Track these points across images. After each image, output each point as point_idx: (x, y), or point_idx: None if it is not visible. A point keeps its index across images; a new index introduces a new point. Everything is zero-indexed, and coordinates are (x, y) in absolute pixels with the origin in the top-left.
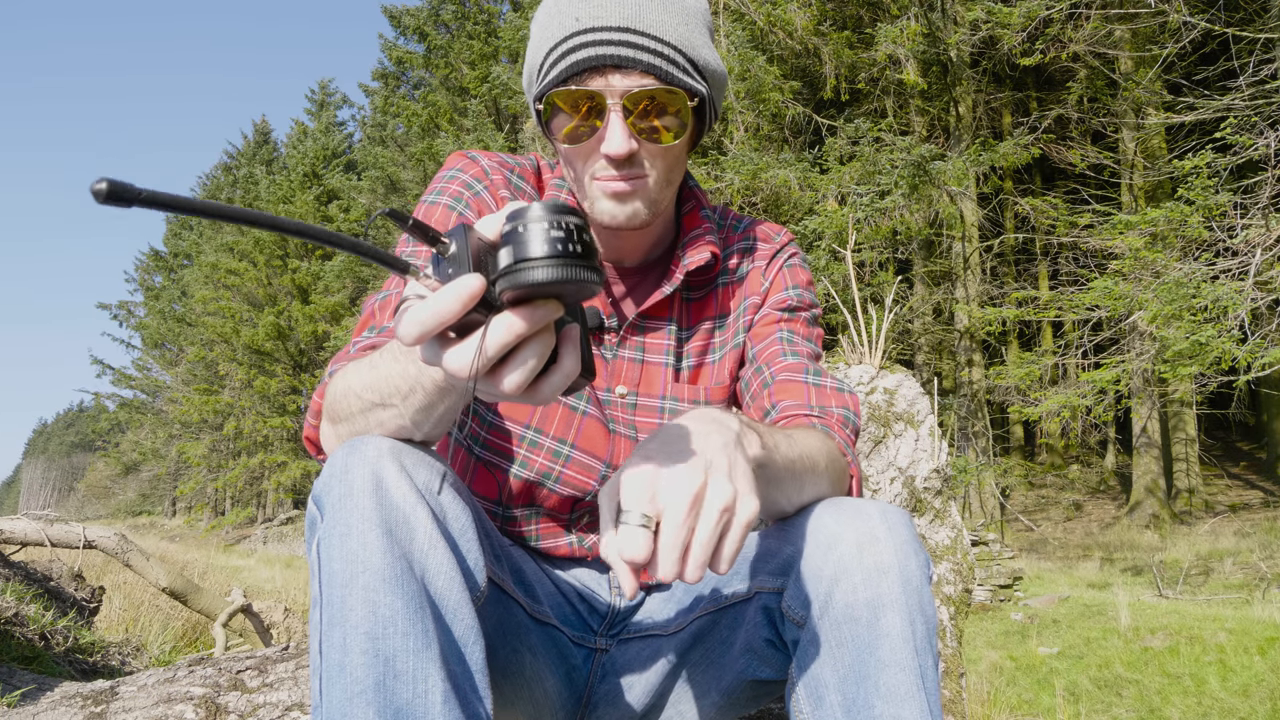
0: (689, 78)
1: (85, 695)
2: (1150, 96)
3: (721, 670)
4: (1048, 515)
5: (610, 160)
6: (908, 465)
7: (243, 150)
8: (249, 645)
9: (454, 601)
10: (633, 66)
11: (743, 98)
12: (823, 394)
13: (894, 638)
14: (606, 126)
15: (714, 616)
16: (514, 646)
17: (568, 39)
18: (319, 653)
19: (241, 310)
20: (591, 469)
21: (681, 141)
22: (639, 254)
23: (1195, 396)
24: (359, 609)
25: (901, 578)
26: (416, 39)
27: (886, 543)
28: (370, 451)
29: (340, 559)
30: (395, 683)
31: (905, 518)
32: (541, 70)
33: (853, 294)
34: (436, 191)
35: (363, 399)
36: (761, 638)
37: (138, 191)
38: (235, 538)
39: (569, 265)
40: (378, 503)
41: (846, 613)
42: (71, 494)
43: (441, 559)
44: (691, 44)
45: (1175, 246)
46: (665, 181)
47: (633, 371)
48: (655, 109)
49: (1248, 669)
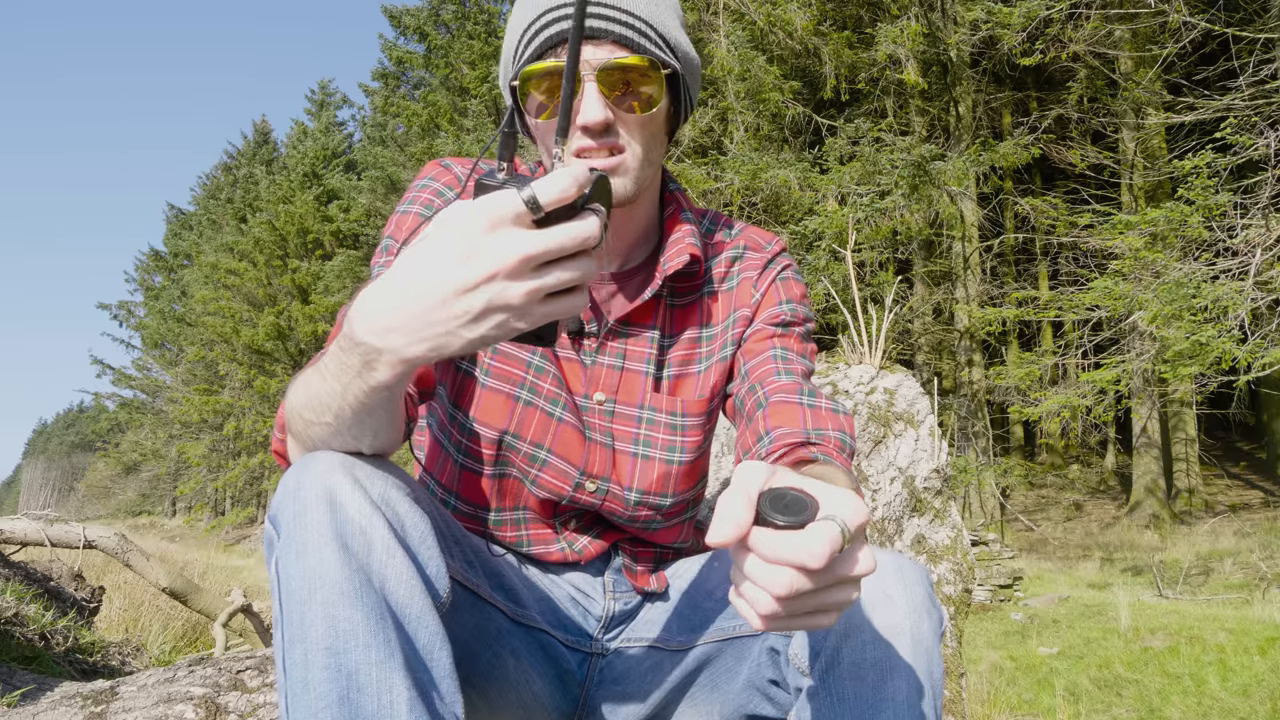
0: (661, 51)
1: (85, 695)
2: (1150, 96)
3: (724, 699)
4: (1048, 515)
5: (587, 131)
6: (908, 465)
7: (243, 150)
8: (249, 645)
9: (416, 610)
10: (604, 37)
11: (743, 98)
12: (819, 416)
13: (899, 703)
14: (581, 98)
15: (721, 645)
16: (495, 650)
17: (539, 18)
18: (283, 671)
19: (241, 310)
20: (567, 475)
21: (658, 113)
22: (621, 254)
23: (1195, 396)
24: (319, 624)
25: (913, 640)
26: (416, 39)
27: (900, 603)
28: (321, 467)
29: (298, 576)
30: (359, 696)
31: (922, 574)
32: (516, 55)
33: (853, 294)
34: (409, 201)
35: (303, 417)
36: (766, 677)
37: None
38: (235, 538)
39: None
40: (332, 517)
41: (853, 671)
42: (71, 494)
43: (400, 569)
44: (662, 22)
45: (1175, 246)
46: (645, 158)
47: (611, 378)
48: (629, 79)
49: (1248, 669)
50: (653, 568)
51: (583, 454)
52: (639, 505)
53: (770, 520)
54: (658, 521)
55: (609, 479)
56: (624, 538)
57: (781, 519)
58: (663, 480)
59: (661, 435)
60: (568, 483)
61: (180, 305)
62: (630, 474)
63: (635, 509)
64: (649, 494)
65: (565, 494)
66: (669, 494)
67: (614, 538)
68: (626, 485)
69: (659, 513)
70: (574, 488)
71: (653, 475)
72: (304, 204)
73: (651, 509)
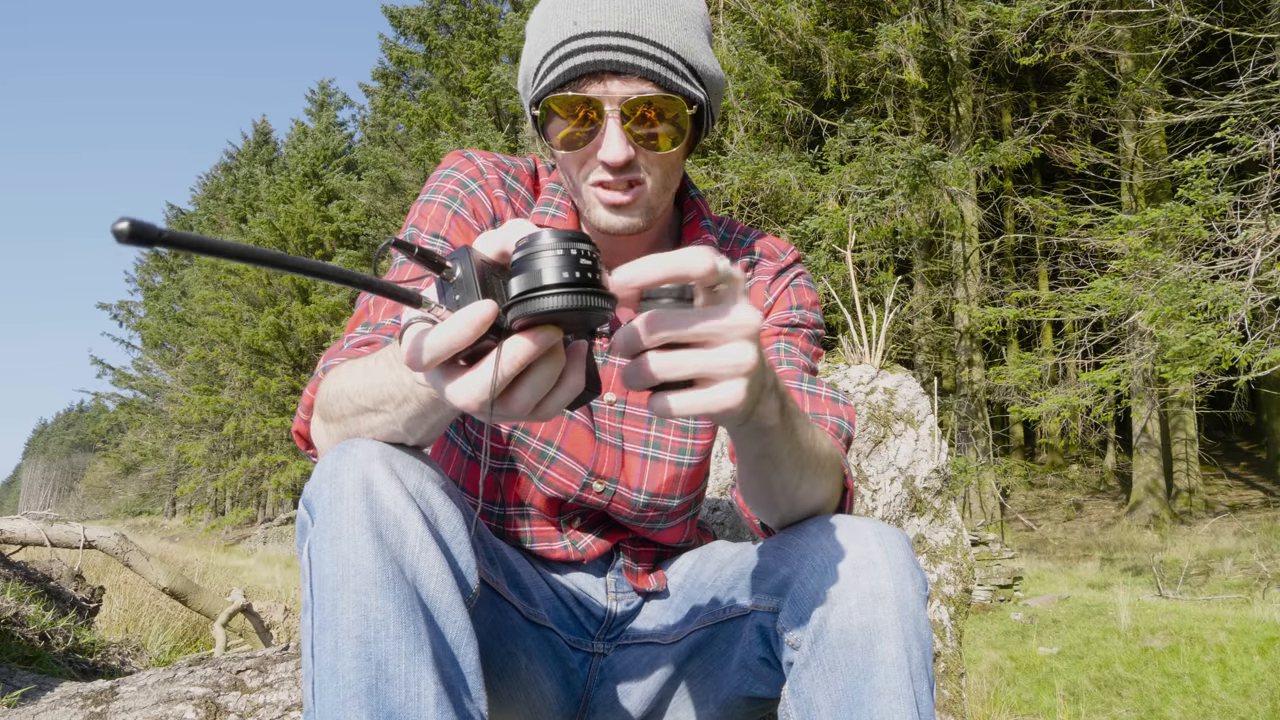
0: (688, 84)
1: (85, 695)
2: (1150, 96)
3: (719, 684)
4: (1048, 515)
5: (607, 167)
6: (908, 465)
7: (243, 150)
8: (249, 645)
9: (446, 604)
10: (631, 72)
11: (743, 98)
12: (817, 402)
13: (889, 665)
14: (604, 133)
15: (712, 630)
16: (509, 649)
17: (565, 43)
18: (311, 657)
19: (241, 310)
20: (575, 473)
21: (679, 148)
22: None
23: (1195, 396)
24: (350, 613)
25: (898, 603)
26: (417, 39)
27: (883, 566)
28: (360, 455)
29: (331, 563)
30: (388, 686)
31: (902, 539)
32: (538, 74)
33: (853, 294)
34: (432, 190)
35: (355, 403)
36: (756, 656)
37: (159, 232)
38: (235, 538)
39: (582, 293)
40: (368, 506)
41: (841, 638)
42: (71, 494)
43: (433, 562)
44: (690, 49)
45: (1175, 246)
46: (662, 188)
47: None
48: (653, 116)
49: (1248, 669)
50: (652, 567)
51: (592, 453)
52: (647, 507)
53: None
54: (663, 522)
55: (617, 480)
56: (627, 538)
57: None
58: (671, 482)
59: (672, 437)
60: (575, 481)
61: (180, 305)
62: (639, 475)
63: (643, 510)
64: (658, 495)
65: (572, 493)
66: (677, 495)
67: (617, 538)
68: (635, 487)
69: (665, 514)
70: (581, 487)
71: (662, 477)
72: (304, 204)
73: (659, 510)
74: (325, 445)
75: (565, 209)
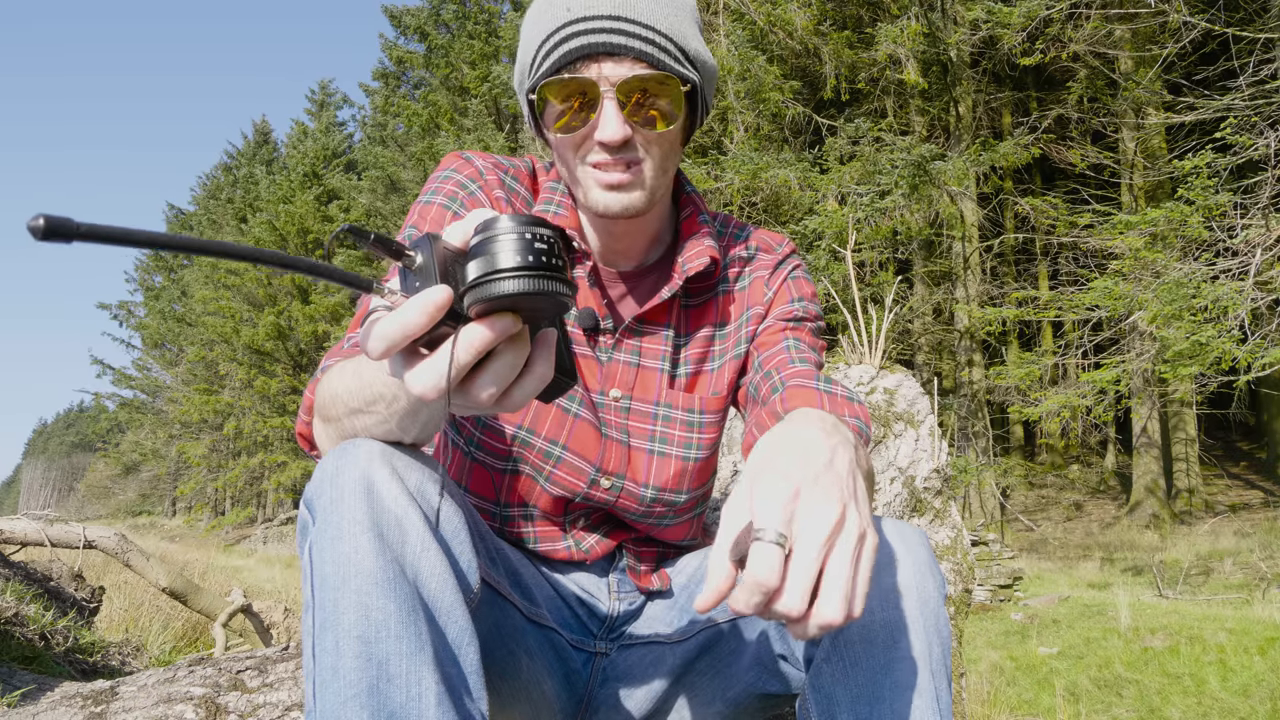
0: (680, 65)
1: (85, 695)
2: (1150, 96)
3: (729, 681)
4: (1048, 515)
5: (605, 147)
6: (908, 465)
7: (243, 150)
8: (249, 645)
9: (447, 604)
10: (625, 53)
11: (743, 98)
12: (835, 402)
13: (910, 661)
14: (600, 114)
15: (722, 628)
16: (510, 649)
17: (559, 29)
18: (312, 656)
19: (241, 310)
20: (582, 471)
21: (675, 129)
22: (636, 255)
23: (1195, 396)
24: (351, 612)
25: (919, 599)
26: (417, 39)
27: (905, 562)
28: (361, 455)
29: (332, 562)
30: (389, 686)
31: (922, 537)
32: (534, 63)
33: (853, 294)
34: (432, 191)
35: (347, 404)
36: (774, 652)
37: (76, 226)
38: (235, 538)
39: (540, 278)
40: (369, 506)
41: (863, 634)
42: (71, 494)
43: (434, 562)
44: (682, 33)
45: (1175, 246)
46: (660, 170)
47: (627, 375)
48: (649, 96)
49: (1248, 669)
50: (655, 567)
51: (598, 451)
52: (654, 502)
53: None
54: (670, 518)
55: (624, 476)
56: (631, 537)
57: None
58: (679, 477)
59: (678, 432)
60: (582, 480)
61: (180, 305)
62: (646, 470)
63: (650, 506)
64: (665, 490)
65: (579, 491)
66: (684, 490)
67: (621, 537)
68: (643, 482)
69: (672, 509)
70: (589, 485)
71: (669, 472)
72: (304, 204)
73: (666, 505)
74: (326, 446)
75: (566, 206)
